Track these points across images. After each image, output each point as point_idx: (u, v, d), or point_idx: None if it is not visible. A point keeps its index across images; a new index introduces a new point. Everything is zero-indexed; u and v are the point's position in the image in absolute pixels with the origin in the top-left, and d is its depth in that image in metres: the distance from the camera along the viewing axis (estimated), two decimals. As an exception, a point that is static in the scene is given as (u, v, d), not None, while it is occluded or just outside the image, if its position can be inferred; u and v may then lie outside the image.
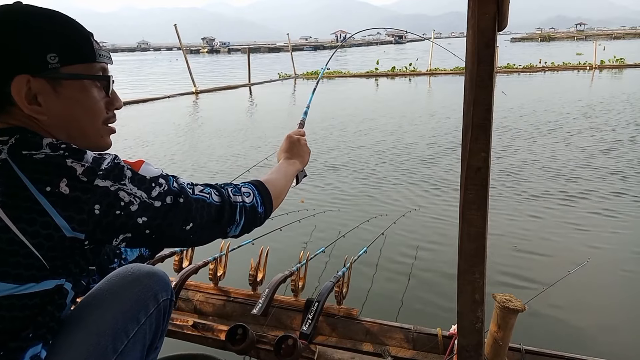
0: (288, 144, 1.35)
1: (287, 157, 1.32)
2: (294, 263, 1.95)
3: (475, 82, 0.99)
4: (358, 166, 5.39)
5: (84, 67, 0.84)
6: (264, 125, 8.38)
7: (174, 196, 0.85)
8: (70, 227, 0.75)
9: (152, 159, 6.14)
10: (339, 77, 19.86)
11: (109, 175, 0.78)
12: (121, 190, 0.78)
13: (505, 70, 18.52)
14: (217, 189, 0.95)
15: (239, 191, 0.98)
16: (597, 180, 4.45)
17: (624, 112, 8.22)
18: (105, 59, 0.89)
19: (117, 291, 0.95)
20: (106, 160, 0.80)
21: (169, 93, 14.48)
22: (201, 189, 0.91)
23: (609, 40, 57.70)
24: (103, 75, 0.88)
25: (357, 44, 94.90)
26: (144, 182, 0.82)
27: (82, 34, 0.85)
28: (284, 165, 1.28)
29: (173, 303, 1.06)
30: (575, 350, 1.58)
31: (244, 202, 0.97)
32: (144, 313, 0.96)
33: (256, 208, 1.00)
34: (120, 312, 0.92)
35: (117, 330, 0.90)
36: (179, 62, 32.89)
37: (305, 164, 1.36)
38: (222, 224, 0.93)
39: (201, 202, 0.89)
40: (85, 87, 0.85)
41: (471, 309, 1.18)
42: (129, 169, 0.82)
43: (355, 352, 1.60)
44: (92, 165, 0.77)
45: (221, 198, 0.93)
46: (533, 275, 2.71)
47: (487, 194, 1.07)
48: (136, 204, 0.79)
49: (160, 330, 1.02)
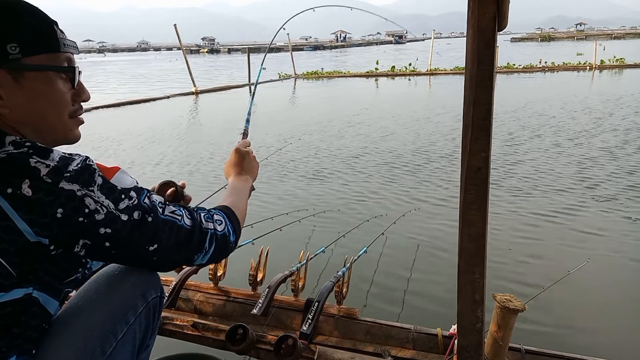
0: (238, 158, 1.26)
1: (238, 172, 1.24)
2: (294, 263, 1.95)
3: (475, 82, 0.99)
4: (358, 166, 5.38)
5: (48, 57, 0.80)
6: (265, 126, 8.37)
7: (143, 212, 0.80)
8: (33, 232, 0.70)
9: (150, 159, 6.14)
10: (338, 77, 19.87)
11: (77, 178, 0.73)
12: (88, 196, 0.74)
13: (505, 70, 18.52)
14: (189, 211, 0.91)
15: (211, 218, 0.94)
16: (598, 180, 4.45)
17: (626, 112, 8.22)
18: (71, 49, 0.85)
19: (104, 291, 0.91)
20: (75, 161, 0.76)
21: (169, 93, 14.48)
22: (172, 210, 0.87)
23: (609, 40, 57.68)
24: (68, 66, 0.84)
25: (357, 43, 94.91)
26: (114, 191, 0.78)
27: (45, 23, 0.80)
28: (238, 184, 1.20)
29: (164, 300, 1.02)
30: (575, 350, 1.58)
31: (216, 230, 0.93)
32: (132, 313, 0.92)
33: (227, 237, 0.96)
34: (107, 313, 0.88)
35: (105, 332, 0.86)
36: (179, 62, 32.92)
37: (255, 178, 1.29)
38: (189, 250, 0.89)
39: (170, 223, 0.85)
40: (50, 79, 0.80)
41: (471, 309, 1.18)
42: (100, 175, 0.77)
43: (355, 352, 1.60)
44: (58, 166, 0.72)
45: (192, 222, 0.89)
46: (533, 275, 2.71)
47: (487, 194, 1.07)
48: (102, 214, 0.75)
49: (151, 329, 0.99)
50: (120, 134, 7.98)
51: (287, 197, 4.35)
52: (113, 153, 6.56)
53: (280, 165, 5.49)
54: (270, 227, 2.67)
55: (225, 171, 1.27)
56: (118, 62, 46.09)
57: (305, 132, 7.74)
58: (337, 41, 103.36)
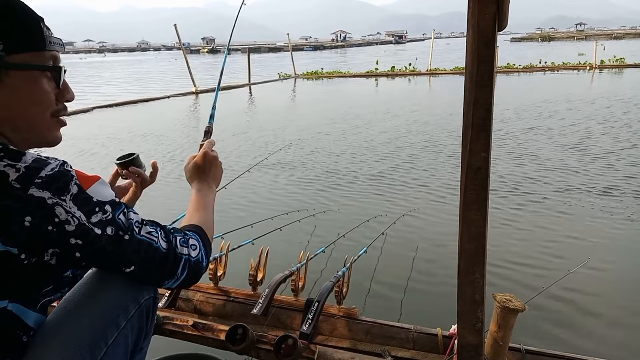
0: (204, 162, 1.16)
1: (202, 178, 1.14)
2: (294, 263, 1.95)
3: (475, 82, 0.99)
4: (358, 166, 5.38)
5: (33, 55, 0.77)
6: (265, 126, 8.37)
7: (117, 229, 0.77)
8: (1, 241, 0.67)
9: (153, 157, 6.13)
10: (338, 77, 19.87)
11: (49, 185, 0.69)
12: (59, 205, 0.70)
13: (505, 70, 18.52)
14: (165, 233, 0.87)
15: (186, 242, 0.90)
16: (597, 180, 4.45)
17: (626, 112, 8.22)
18: (57, 47, 0.82)
19: (93, 294, 0.86)
20: (49, 165, 0.71)
21: (169, 93, 14.48)
22: (149, 230, 0.83)
23: (609, 40, 57.69)
24: (53, 65, 0.81)
25: (357, 43, 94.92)
26: (88, 203, 0.74)
27: (31, 20, 0.77)
28: (206, 194, 1.12)
29: (158, 301, 0.99)
30: (575, 350, 1.58)
31: (190, 256, 0.89)
32: (123, 316, 0.87)
33: (200, 263, 0.92)
34: (97, 317, 0.84)
35: (94, 337, 0.82)
36: (178, 61, 32.92)
37: (218, 185, 1.20)
38: (161, 274, 0.86)
39: (146, 245, 0.82)
40: (34, 78, 0.78)
41: (471, 309, 1.18)
42: (76, 184, 0.73)
43: (355, 352, 1.60)
44: (28, 171, 0.69)
45: (168, 245, 0.86)
46: (533, 275, 2.71)
47: (487, 194, 1.07)
48: (73, 225, 0.71)
49: (145, 332, 0.95)
50: (120, 134, 7.98)
51: (287, 197, 4.35)
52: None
53: (280, 165, 5.50)
54: (270, 227, 2.67)
55: (188, 174, 1.16)
56: (118, 62, 46.08)
57: (306, 132, 7.74)
58: (337, 41, 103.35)
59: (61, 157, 0.76)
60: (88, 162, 6.03)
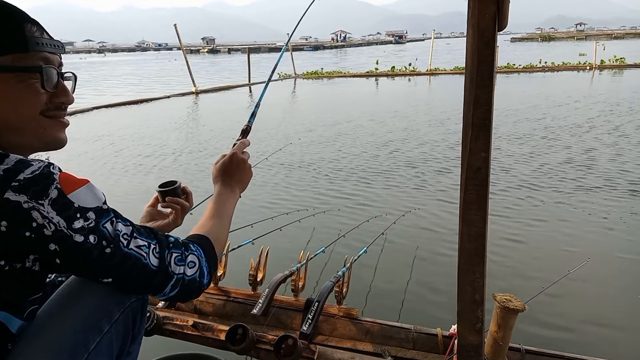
0: (232, 164, 1.11)
1: (227, 181, 1.09)
2: (294, 263, 1.95)
3: (475, 82, 0.99)
4: (358, 166, 5.39)
5: (15, 57, 0.74)
6: (264, 125, 8.37)
7: (100, 239, 0.73)
8: None
9: (151, 158, 6.14)
10: (338, 77, 19.86)
11: (26, 188, 0.67)
12: (35, 210, 0.66)
13: (505, 70, 18.52)
14: (160, 248, 0.81)
15: (183, 260, 0.85)
16: (597, 180, 4.45)
17: (626, 112, 8.22)
18: (47, 48, 0.78)
19: (76, 297, 0.82)
20: (31, 167, 0.68)
21: (169, 93, 14.48)
22: (139, 244, 0.78)
23: (609, 40, 57.67)
24: (37, 66, 0.76)
25: (357, 43, 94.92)
26: (68, 208, 0.70)
27: (11, 21, 0.74)
28: (226, 199, 1.06)
29: (147, 303, 0.94)
30: (575, 350, 1.58)
31: (184, 275, 0.84)
32: (106, 320, 0.83)
33: (196, 281, 0.86)
34: (79, 321, 0.80)
35: (74, 343, 0.78)
36: (178, 62, 32.91)
37: (244, 190, 1.13)
38: (144, 289, 0.82)
39: (133, 260, 0.77)
40: (17, 80, 0.74)
41: (471, 309, 1.18)
42: (57, 188, 0.70)
43: (355, 352, 1.60)
44: (7, 174, 0.66)
45: (159, 262, 0.80)
46: (533, 275, 2.71)
47: (487, 194, 1.07)
48: (50, 230, 0.68)
49: (132, 336, 0.90)
50: (120, 134, 7.98)
51: (287, 197, 4.35)
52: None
53: (280, 165, 5.50)
54: (270, 227, 2.67)
55: (213, 174, 1.12)
56: (118, 62, 46.08)
57: (306, 132, 7.74)
58: (337, 41, 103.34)
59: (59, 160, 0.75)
60: (87, 165, 6.04)
